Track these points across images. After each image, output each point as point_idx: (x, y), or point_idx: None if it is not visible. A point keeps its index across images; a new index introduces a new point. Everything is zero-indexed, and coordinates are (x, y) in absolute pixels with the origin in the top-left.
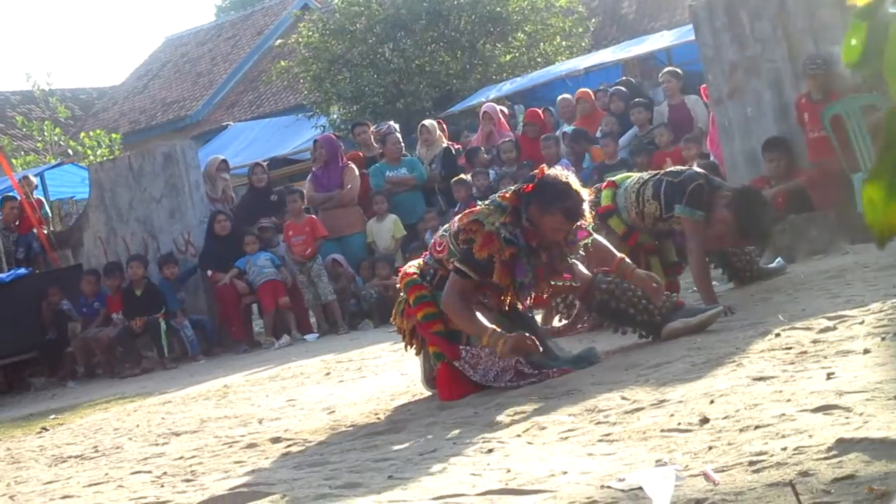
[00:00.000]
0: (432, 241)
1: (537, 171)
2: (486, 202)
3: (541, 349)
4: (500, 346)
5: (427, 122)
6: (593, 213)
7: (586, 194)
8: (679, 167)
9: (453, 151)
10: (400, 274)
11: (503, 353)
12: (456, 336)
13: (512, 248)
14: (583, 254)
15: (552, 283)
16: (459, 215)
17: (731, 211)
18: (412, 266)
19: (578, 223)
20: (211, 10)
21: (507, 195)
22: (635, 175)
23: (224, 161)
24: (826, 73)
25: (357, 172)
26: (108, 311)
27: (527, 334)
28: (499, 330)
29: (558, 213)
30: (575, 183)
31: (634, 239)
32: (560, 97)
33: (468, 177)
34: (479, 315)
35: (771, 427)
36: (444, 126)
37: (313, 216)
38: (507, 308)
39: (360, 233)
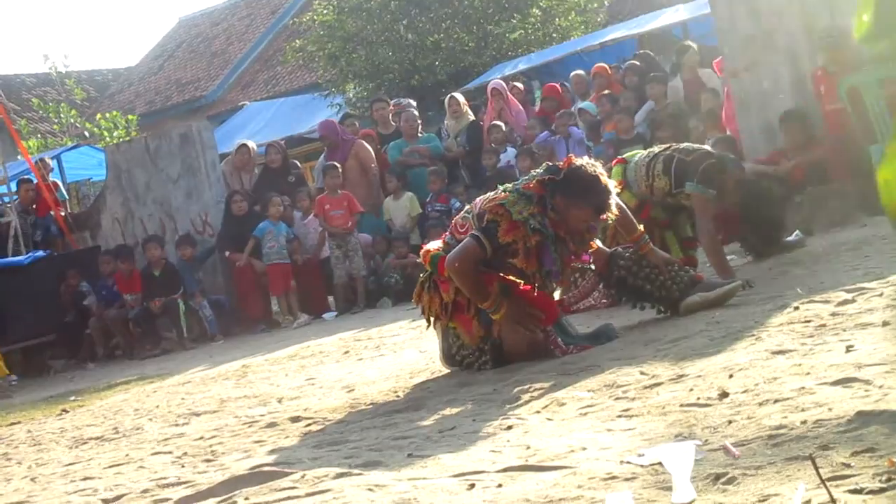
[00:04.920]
0: (453, 222)
1: (563, 161)
2: (509, 190)
3: (541, 330)
4: (502, 312)
5: (456, 94)
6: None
7: (613, 186)
8: (691, 145)
9: (480, 125)
10: (422, 252)
11: (504, 319)
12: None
13: (538, 235)
14: (598, 240)
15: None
16: (482, 199)
17: (743, 196)
18: (433, 245)
19: (605, 216)
20: None
21: (532, 184)
22: (644, 150)
23: (243, 145)
24: (842, 46)
25: (367, 147)
26: (119, 291)
27: (535, 310)
28: (501, 296)
29: (586, 208)
30: (603, 175)
31: (647, 213)
32: (573, 73)
33: (442, 168)
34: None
35: (790, 400)
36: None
37: (348, 192)
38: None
39: (371, 212)
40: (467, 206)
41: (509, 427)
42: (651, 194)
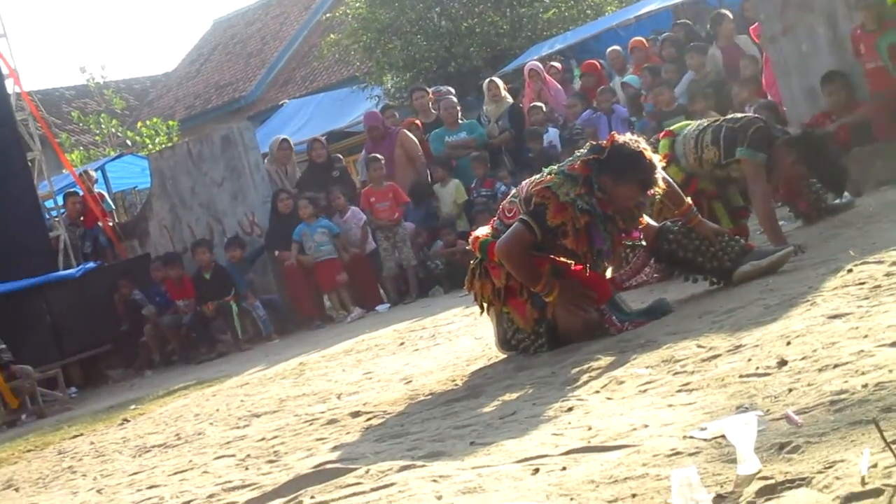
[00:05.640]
0: (501, 207)
1: (606, 140)
2: (555, 172)
3: (594, 309)
4: (555, 294)
5: (495, 78)
6: (664, 178)
7: (658, 160)
8: (738, 114)
9: (520, 108)
10: (471, 238)
11: (557, 301)
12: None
13: (587, 215)
14: (648, 213)
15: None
16: (528, 182)
17: (798, 152)
18: (482, 231)
19: (652, 191)
20: None
21: (577, 165)
22: (693, 123)
23: (285, 140)
24: (879, 3)
25: (412, 137)
26: (170, 299)
27: (588, 290)
28: (552, 278)
29: (633, 184)
30: (647, 150)
31: (694, 186)
32: (609, 49)
33: (484, 153)
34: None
35: (850, 364)
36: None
37: (394, 183)
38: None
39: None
40: (514, 191)
41: (570, 409)
42: (700, 167)
